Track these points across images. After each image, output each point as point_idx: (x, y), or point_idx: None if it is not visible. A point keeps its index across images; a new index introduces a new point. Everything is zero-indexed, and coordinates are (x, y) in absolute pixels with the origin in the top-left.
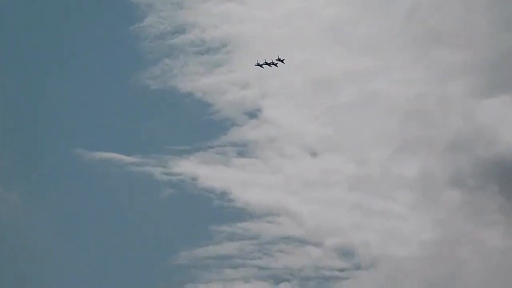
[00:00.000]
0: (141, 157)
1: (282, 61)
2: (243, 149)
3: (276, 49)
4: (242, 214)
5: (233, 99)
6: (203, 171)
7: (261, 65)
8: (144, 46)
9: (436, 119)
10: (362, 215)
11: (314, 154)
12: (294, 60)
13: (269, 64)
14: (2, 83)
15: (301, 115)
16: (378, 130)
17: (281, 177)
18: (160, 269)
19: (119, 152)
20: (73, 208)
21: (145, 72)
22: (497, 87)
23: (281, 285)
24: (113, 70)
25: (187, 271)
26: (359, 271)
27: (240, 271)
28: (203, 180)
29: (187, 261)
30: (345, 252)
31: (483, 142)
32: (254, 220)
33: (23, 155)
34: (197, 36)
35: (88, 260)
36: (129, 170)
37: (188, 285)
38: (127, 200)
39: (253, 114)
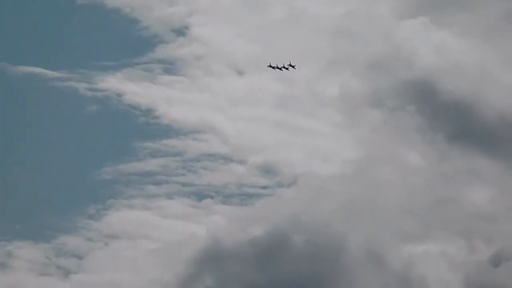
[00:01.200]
0: (66, 72)
1: (293, 66)
2: (170, 67)
3: None
4: (167, 131)
5: (161, 16)
6: (129, 87)
7: (273, 67)
8: None
9: (360, 39)
10: (286, 134)
11: (241, 72)
12: None
13: (280, 68)
14: None
15: (229, 33)
16: (305, 49)
17: (207, 95)
18: (83, 184)
19: (43, 67)
20: None
21: None
22: (418, 8)
23: (204, 202)
24: None
25: (110, 187)
26: (282, 189)
27: (163, 188)
28: (128, 97)
29: (110, 176)
30: (268, 170)
31: (402, 63)
32: (179, 137)
33: None
34: None
35: (12, 174)
36: (54, 85)
37: (111, 200)
38: (51, 116)
39: (180, 31)
